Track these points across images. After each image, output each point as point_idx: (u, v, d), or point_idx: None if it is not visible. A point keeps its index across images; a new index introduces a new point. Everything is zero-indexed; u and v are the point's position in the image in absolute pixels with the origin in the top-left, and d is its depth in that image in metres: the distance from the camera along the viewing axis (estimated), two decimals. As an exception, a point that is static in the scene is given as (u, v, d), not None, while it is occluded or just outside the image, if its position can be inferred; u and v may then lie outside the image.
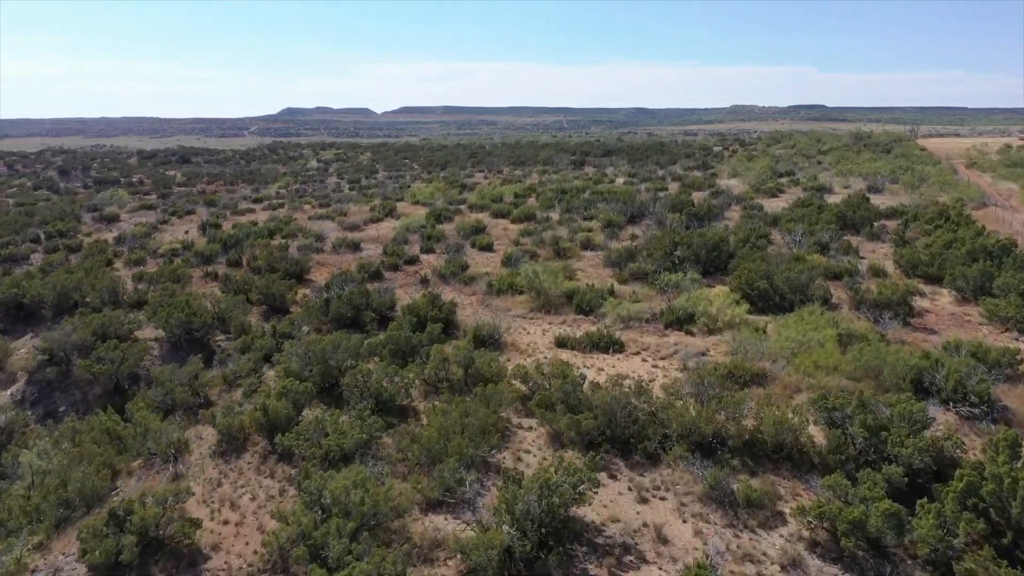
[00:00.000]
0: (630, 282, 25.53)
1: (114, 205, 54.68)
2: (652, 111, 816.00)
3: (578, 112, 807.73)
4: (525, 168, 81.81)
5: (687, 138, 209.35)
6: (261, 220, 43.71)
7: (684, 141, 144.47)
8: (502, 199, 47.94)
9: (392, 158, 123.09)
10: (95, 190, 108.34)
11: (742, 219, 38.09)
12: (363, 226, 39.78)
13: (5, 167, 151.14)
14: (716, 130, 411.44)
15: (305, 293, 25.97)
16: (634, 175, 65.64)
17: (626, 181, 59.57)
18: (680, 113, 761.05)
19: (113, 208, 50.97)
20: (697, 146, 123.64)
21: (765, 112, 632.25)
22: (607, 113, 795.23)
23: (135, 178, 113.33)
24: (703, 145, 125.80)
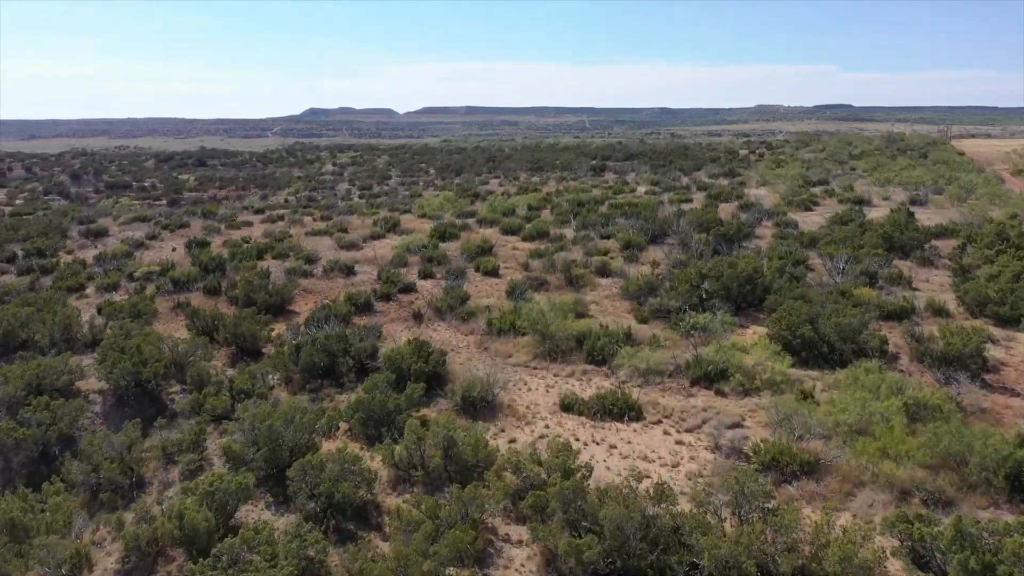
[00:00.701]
0: (651, 321, 22.25)
1: (109, 216, 52.17)
2: (676, 111, 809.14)
3: (601, 112, 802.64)
4: (542, 174, 78.59)
5: (711, 139, 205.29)
6: (256, 235, 40.91)
7: (708, 143, 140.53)
8: (514, 212, 44.77)
9: (408, 162, 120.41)
10: (106, 195, 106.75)
11: (775, 239, 34.63)
12: (362, 244, 36.78)
13: (24, 169, 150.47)
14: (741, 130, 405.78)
15: (281, 332, 22.96)
16: (656, 183, 62.20)
17: (648, 191, 56.17)
18: (704, 113, 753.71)
19: (104, 222, 48.41)
20: (722, 149, 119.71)
21: (790, 112, 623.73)
22: (630, 113, 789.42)
23: (147, 182, 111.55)
24: (728, 148, 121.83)
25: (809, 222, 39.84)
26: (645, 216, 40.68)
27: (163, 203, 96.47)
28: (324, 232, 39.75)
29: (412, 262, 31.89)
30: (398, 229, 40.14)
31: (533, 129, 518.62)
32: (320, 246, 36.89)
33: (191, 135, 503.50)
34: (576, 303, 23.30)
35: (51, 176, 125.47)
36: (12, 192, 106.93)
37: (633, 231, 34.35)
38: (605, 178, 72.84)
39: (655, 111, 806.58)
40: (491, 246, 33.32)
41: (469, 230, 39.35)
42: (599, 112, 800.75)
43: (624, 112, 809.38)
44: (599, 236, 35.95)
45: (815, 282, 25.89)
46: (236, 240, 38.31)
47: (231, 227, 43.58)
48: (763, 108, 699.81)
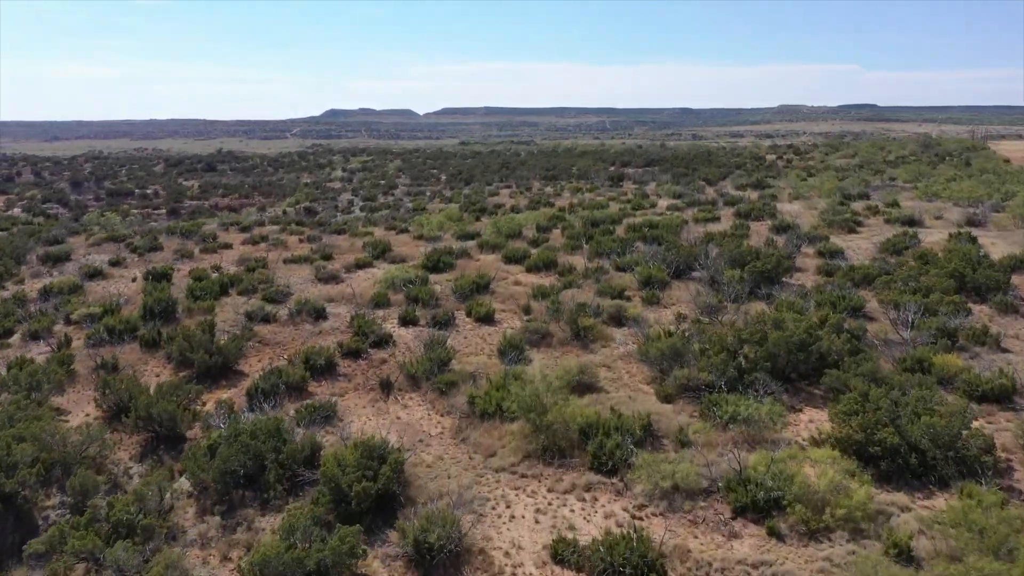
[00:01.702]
0: (677, 399, 17.52)
1: (83, 234, 48.07)
2: (697, 111, 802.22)
3: (621, 113, 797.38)
4: (557, 184, 73.88)
5: (733, 142, 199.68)
6: (231, 261, 36.55)
7: (732, 148, 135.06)
8: (520, 234, 40.10)
9: (420, 167, 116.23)
10: (106, 203, 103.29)
11: (820, 274, 29.69)
12: (344, 275, 32.28)
13: (33, 174, 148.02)
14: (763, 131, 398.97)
15: (222, 403, 18.43)
16: (679, 196, 57.27)
17: (670, 205, 51.27)
18: (725, 113, 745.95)
19: (74, 241, 44.28)
20: (747, 155, 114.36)
21: (813, 112, 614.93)
22: (651, 114, 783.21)
23: (150, 189, 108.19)
24: (754, 153, 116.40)
25: (856, 249, 34.83)
26: (667, 241, 35.92)
27: (162, 212, 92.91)
28: (305, 259, 35.28)
29: (395, 301, 27.32)
30: (388, 255, 35.57)
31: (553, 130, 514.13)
32: (297, 277, 32.44)
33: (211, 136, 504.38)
34: (582, 371, 18.59)
35: (53, 183, 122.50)
36: (12, 199, 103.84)
37: (654, 263, 29.55)
38: (624, 188, 68.00)
39: (676, 112, 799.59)
40: (488, 281, 28.64)
41: (468, 257, 34.72)
42: (619, 113, 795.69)
43: (645, 113, 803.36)
44: (614, 267, 31.19)
45: (878, 338, 21.00)
46: (204, 269, 33.95)
47: (206, 250, 39.25)
48: (786, 108, 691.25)
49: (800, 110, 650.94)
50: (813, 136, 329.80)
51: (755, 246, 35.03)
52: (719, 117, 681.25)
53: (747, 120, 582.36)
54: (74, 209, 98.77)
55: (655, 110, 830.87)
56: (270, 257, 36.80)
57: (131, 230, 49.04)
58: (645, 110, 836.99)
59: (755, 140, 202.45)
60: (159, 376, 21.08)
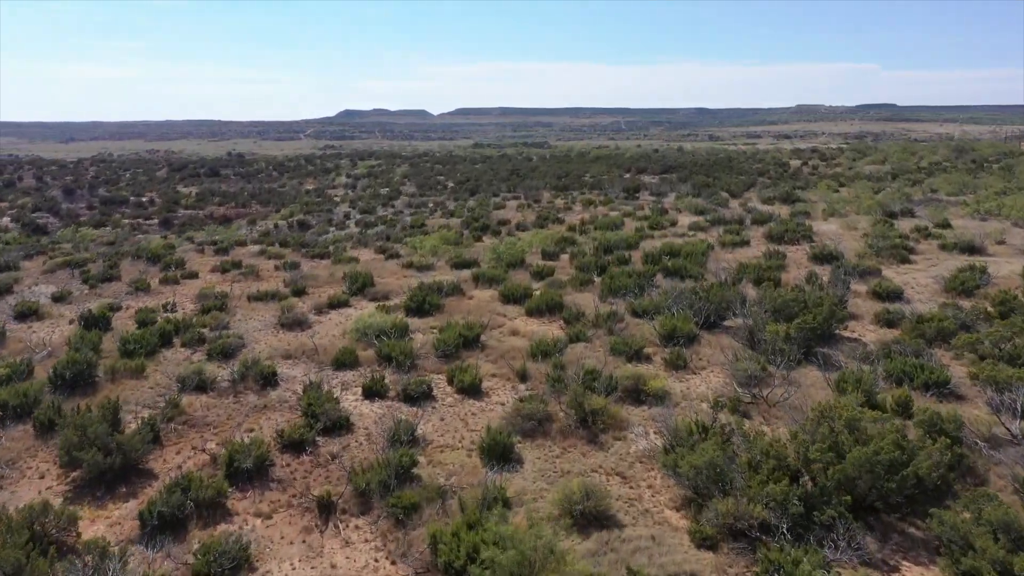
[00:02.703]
0: (720, 546, 12.57)
1: (45, 255, 43.59)
2: (713, 111, 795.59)
3: (636, 113, 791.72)
4: (568, 194, 68.91)
5: (752, 143, 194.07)
6: (189, 295, 31.86)
7: (753, 152, 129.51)
8: (523, 262, 35.21)
9: (426, 173, 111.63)
10: (99, 212, 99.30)
11: (878, 322, 24.58)
12: (313, 318, 27.53)
13: (34, 179, 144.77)
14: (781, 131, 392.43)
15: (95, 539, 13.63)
16: (702, 211, 52.20)
17: (692, 224, 46.18)
18: (742, 113, 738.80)
19: (29, 266, 39.79)
20: (770, 160, 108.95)
21: (832, 112, 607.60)
22: (666, 114, 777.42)
23: (146, 197, 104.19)
24: (776, 159, 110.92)
25: (914, 285, 29.68)
26: (692, 273, 30.94)
27: (155, 222, 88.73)
28: (273, 295, 30.52)
29: (365, 358, 22.51)
30: (369, 291, 30.73)
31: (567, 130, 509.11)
32: (258, 320, 27.73)
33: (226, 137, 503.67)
34: (587, 494, 13.67)
35: (49, 188, 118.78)
36: (1, 208, 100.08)
37: (678, 311, 24.57)
38: (640, 201, 62.97)
39: (691, 111, 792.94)
40: (479, 333, 23.75)
41: (460, 294, 29.84)
42: (634, 113, 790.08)
43: (660, 113, 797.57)
44: (631, 310, 26.23)
45: (978, 434, 15.96)
46: (155, 309, 29.29)
47: (167, 281, 34.58)
48: (803, 108, 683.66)
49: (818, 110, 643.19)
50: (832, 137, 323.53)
51: (795, 281, 30.05)
52: (735, 117, 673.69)
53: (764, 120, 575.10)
54: (64, 218, 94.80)
55: (670, 110, 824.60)
56: (235, 292, 32.08)
57: (94, 252, 44.50)
58: (660, 110, 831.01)
59: (775, 144, 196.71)
60: (43, 478, 16.35)
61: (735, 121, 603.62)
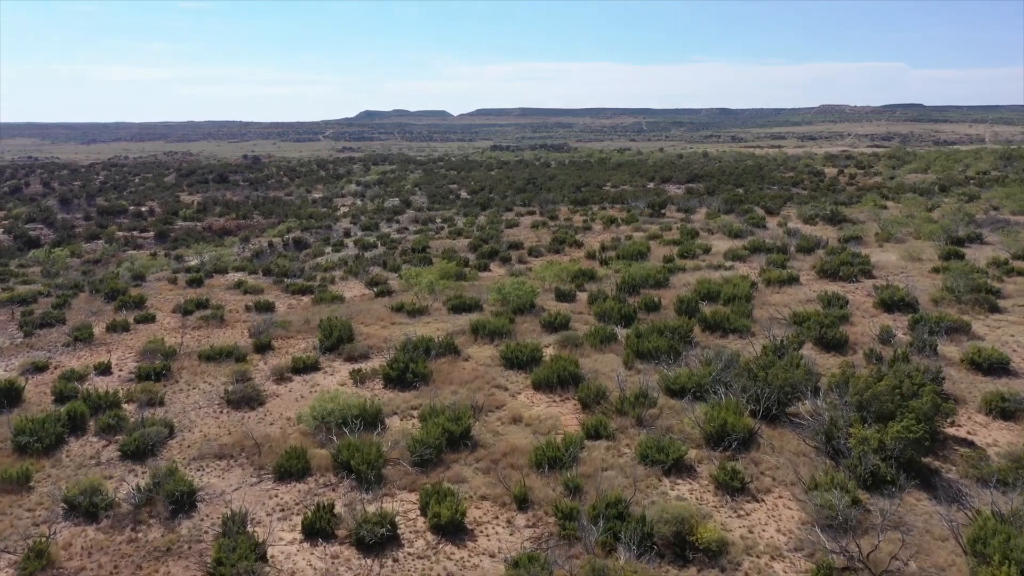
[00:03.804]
0: None
1: None
2: (735, 112, 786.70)
3: (658, 114, 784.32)
4: (587, 209, 63.36)
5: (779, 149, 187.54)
6: (133, 349, 26.68)
7: (783, 159, 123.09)
8: (532, 306, 29.73)
9: (440, 181, 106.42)
10: (96, 223, 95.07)
11: (990, 413, 18.85)
12: (270, 387, 22.26)
13: (42, 184, 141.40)
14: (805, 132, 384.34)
15: None
16: (737, 234, 46.49)
17: (728, 251, 40.46)
18: (765, 114, 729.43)
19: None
20: (802, 168, 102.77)
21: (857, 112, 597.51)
22: (688, 114, 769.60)
23: (145, 206, 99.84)
24: (810, 166, 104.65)
25: (1018, 348, 23.86)
26: (737, 327, 25.38)
27: (150, 235, 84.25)
28: (229, 353, 25.25)
29: (318, 462, 17.17)
30: (344, 349, 25.35)
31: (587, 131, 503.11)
32: (202, 390, 22.49)
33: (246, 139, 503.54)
34: None
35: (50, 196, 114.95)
36: None
37: (727, 396, 19.00)
38: (666, 216, 57.33)
39: (714, 112, 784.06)
40: (469, 426, 18.30)
41: (454, 355, 24.39)
42: (656, 113, 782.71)
43: (682, 113, 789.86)
44: (664, 387, 20.70)
45: None
46: (84, 370, 24.17)
47: (114, 328, 29.43)
48: (828, 108, 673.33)
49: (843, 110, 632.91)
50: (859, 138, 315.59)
51: (864, 338, 24.39)
52: (758, 118, 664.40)
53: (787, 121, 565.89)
54: (59, 230, 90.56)
55: (692, 111, 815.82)
56: (187, 344, 26.89)
57: (49, 284, 39.53)
58: (682, 111, 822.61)
59: (802, 147, 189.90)
60: None
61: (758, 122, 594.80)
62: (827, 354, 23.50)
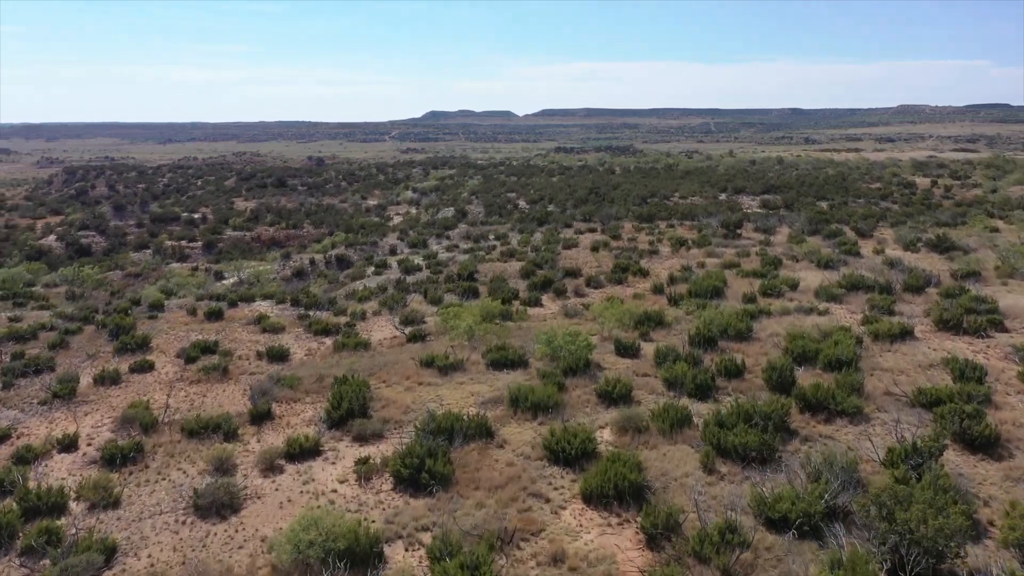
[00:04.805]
0: None
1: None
2: (808, 112, 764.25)
3: (726, 114, 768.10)
4: (654, 227, 57.87)
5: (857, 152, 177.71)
6: (116, 415, 22.60)
7: (868, 168, 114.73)
8: (587, 365, 24.65)
9: (497, 189, 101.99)
10: (148, 230, 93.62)
11: None
12: (248, 492, 17.77)
13: (106, 187, 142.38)
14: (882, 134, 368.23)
15: None
16: (827, 263, 40.52)
17: (820, 287, 34.59)
18: (839, 114, 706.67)
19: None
20: (889, 177, 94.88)
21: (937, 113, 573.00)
22: (758, 115, 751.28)
23: (198, 213, 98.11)
24: (897, 175, 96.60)
25: None
26: (846, 408, 19.94)
27: (198, 246, 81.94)
28: (216, 427, 20.88)
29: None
30: (352, 426, 20.71)
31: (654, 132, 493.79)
32: (170, 483, 18.17)
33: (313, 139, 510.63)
34: None
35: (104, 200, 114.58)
36: (51, 225, 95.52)
37: (855, 552, 13.67)
38: (743, 239, 51.49)
39: (785, 112, 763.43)
40: (486, 568, 13.43)
41: (485, 440, 19.52)
42: (725, 114, 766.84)
43: (751, 113, 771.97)
44: (757, 507, 15.45)
45: None
46: (45, 446, 20.15)
47: (102, 380, 25.50)
48: (906, 108, 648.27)
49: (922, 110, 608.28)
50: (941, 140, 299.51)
51: (1019, 435, 18.63)
52: (832, 118, 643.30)
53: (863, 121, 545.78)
54: (111, 237, 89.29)
55: (762, 111, 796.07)
56: (173, 408, 22.69)
57: (61, 312, 36.10)
58: (752, 111, 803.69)
59: (882, 150, 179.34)
60: None
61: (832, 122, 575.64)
62: (974, 457, 17.85)
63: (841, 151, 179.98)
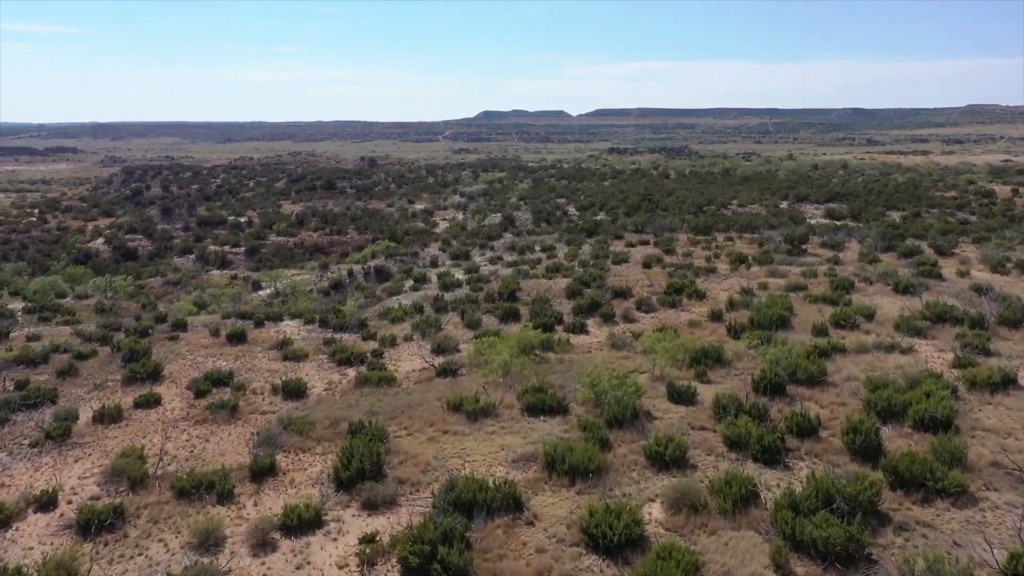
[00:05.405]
0: None
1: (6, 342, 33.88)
2: (870, 112, 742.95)
3: (785, 114, 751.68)
4: (711, 240, 54.26)
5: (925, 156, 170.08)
6: (108, 462, 20.34)
7: (939, 173, 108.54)
8: (635, 416, 21.53)
9: (547, 195, 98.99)
10: (194, 233, 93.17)
11: None
12: (237, 573, 15.17)
13: (161, 187, 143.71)
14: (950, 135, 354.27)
15: None
16: (907, 288, 36.59)
17: (899, 320, 30.78)
18: (904, 114, 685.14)
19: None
20: (964, 185, 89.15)
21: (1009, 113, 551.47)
22: (818, 115, 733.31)
23: (244, 217, 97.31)
24: (972, 182, 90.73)
25: None
26: (947, 486, 16.63)
27: (241, 251, 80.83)
28: (211, 486, 18.37)
29: None
30: (363, 489, 18.00)
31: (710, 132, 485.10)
32: (150, 559, 15.68)
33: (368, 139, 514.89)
34: None
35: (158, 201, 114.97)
36: (100, 227, 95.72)
37: None
38: (809, 256, 47.60)
39: (846, 112, 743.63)
40: None
41: (513, 515, 16.63)
42: (783, 114, 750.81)
43: (811, 113, 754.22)
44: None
45: None
46: (17, 506, 17.92)
47: (101, 418, 23.33)
48: (975, 108, 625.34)
49: (992, 110, 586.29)
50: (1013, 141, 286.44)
51: None
52: (896, 118, 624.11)
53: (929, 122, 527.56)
54: (157, 241, 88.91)
55: (822, 111, 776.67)
56: (169, 456, 20.32)
57: (81, 331, 34.27)
58: (811, 111, 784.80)
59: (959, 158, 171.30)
60: None
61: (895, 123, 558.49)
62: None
63: (908, 154, 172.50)
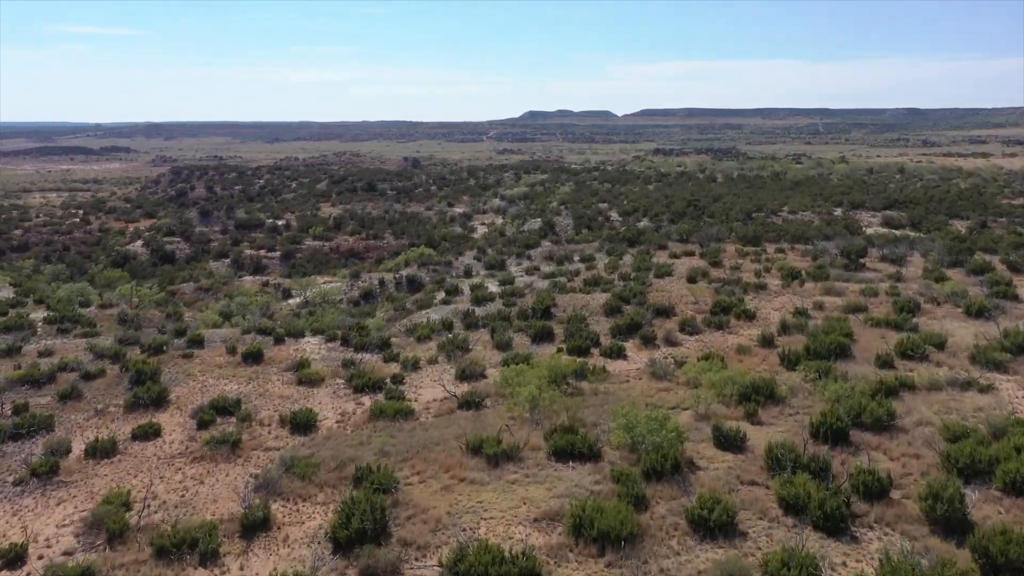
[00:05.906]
0: None
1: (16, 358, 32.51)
2: (925, 112, 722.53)
3: (836, 114, 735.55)
4: (760, 251, 51.19)
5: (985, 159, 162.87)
6: (88, 510, 18.52)
7: (1005, 178, 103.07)
8: (677, 466, 18.98)
9: (588, 199, 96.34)
10: (231, 236, 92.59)
11: None
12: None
13: (205, 188, 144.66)
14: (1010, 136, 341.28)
15: None
16: (980, 312, 33.31)
17: (975, 350, 27.62)
18: (960, 114, 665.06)
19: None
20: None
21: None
22: (870, 115, 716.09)
23: (282, 220, 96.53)
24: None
25: None
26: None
27: (276, 256, 79.79)
28: (194, 544, 16.36)
29: None
30: (363, 554, 15.78)
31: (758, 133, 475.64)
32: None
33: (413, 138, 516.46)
34: None
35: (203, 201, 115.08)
36: (139, 229, 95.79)
37: None
38: (868, 270, 44.32)
39: (900, 112, 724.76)
40: None
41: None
42: (833, 114, 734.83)
43: (863, 114, 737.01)
44: None
45: None
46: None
47: (95, 452, 21.54)
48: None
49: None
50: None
51: None
52: (952, 118, 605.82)
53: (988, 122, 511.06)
54: (195, 244, 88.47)
55: (875, 111, 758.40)
56: (156, 501, 18.38)
57: (95, 346, 32.77)
58: (863, 111, 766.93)
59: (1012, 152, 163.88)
60: None
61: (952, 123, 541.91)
62: None
63: (967, 156, 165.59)
